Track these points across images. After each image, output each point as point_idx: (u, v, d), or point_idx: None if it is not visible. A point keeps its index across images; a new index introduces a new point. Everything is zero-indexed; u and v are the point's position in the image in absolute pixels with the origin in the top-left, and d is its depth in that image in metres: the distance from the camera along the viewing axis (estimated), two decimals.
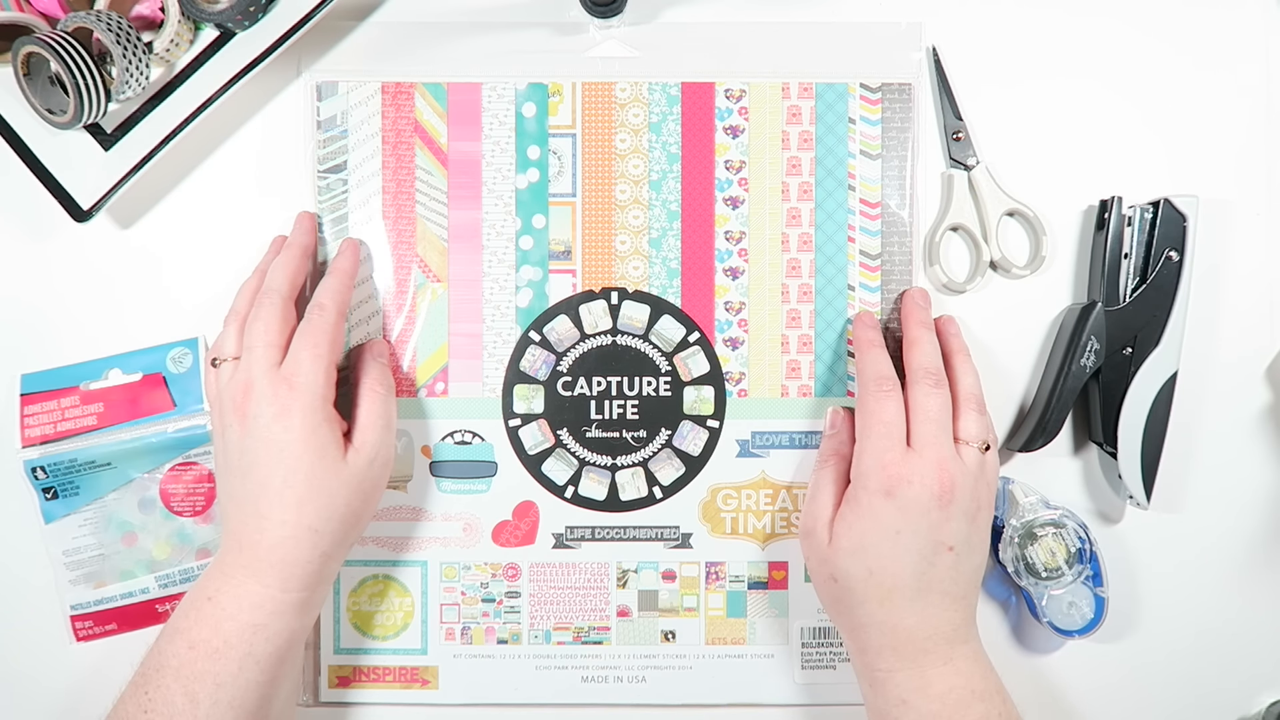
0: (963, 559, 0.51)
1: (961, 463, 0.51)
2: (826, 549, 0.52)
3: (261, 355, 0.52)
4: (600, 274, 0.58)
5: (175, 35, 0.55)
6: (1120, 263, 0.56)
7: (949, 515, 0.50)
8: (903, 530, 0.50)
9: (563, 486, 0.58)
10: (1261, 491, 0.58)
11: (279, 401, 0.51)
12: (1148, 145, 0.59)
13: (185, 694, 0.49)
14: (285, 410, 0.51)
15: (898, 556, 0.50)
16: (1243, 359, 0.58)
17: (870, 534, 0.50)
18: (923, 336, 0.54)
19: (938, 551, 0.50)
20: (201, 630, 0.50)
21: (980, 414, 0.53)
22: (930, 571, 0.50)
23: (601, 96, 0.58)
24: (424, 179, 0.58)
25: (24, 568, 0.58)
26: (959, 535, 0.51)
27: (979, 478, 0.52)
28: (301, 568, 0.51)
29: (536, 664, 0.58)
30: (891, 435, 0.51)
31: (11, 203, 0.58)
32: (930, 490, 0.50)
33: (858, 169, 0.58)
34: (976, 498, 0.51)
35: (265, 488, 0.51)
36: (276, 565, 0.50)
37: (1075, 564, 0.55)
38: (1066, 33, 0.59)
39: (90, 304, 0.58)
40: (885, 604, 0.50)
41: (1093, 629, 0.56)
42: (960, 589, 0.51)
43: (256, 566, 0.50)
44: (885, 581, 0.50)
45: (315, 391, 0.51)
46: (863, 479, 0.51)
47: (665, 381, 0.58)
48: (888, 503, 0.50)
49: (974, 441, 0.52)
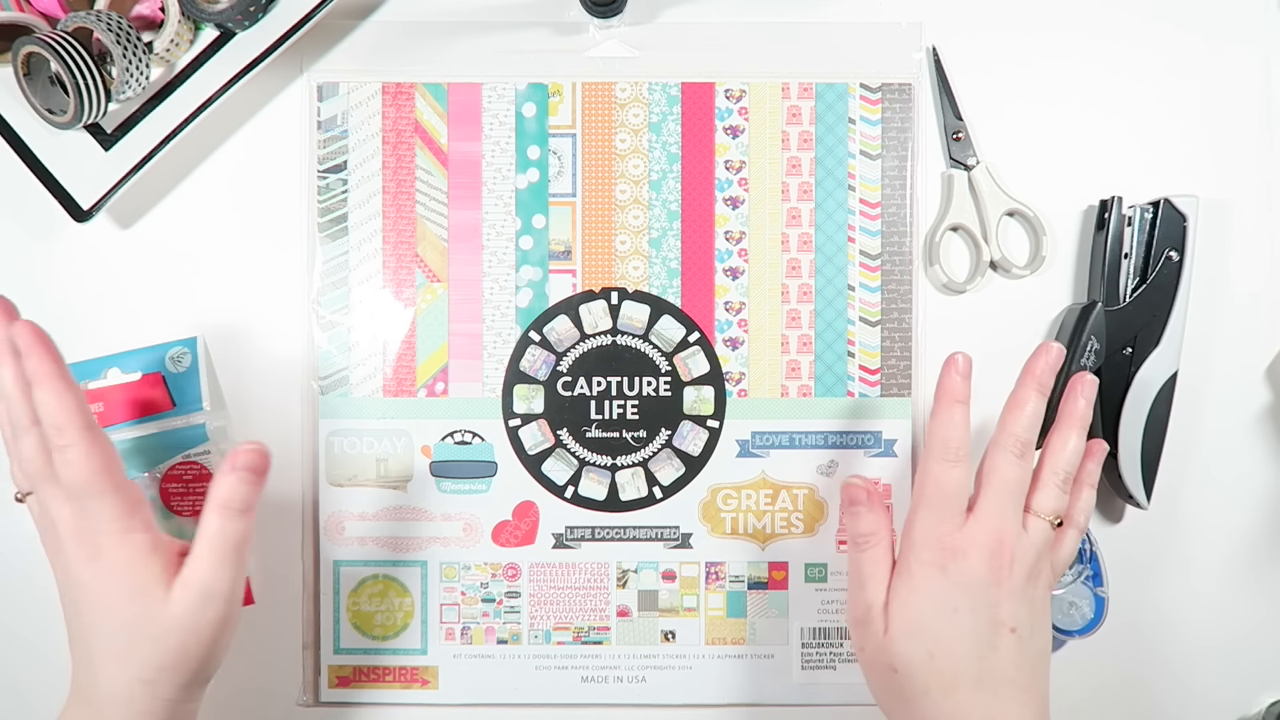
0: (1025, 642, 0.46)
1: (1025, 535, 0.47)
2: (883, 637, 0.47)
3: (49, 495, 0.46)
4: (600, 274, 0.58)
5: (175, 35, 0.55)
6: (1120, 263, 0.56)
7: (1008, 593, 0.46)
8: (960, 607, 0.46)
9: (563, 486, 0.58)
10: (1261, 491, 0.58)
11: (84, 544, 0.46)
12: (1148, 145, 0.59)
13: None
14: (93, 553, 0.46)
15: (958, 637, 0.46)
16: (1243, 359, 0.58)
17: (927, 611, 0.46)
18: (1029, 400, 0.48)
19: (998, 633, 0.46)
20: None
21: (1062, 490, 0.48)
22: (992, 656, 0.46)
23: (601, 96, 0.58)
24: (424, 179, 0.58)
25: (27, 568, 0.58)
26: (1020, 615, 0.46)
27: (1042, 555, 0.47)
28: (147, 719, 0.46)
29: (536, 664, 0.58)
30: (950, 506, 0.47)
31: (11, 203, 0.58)
32: (987, 565, 0.46)
33: (858, 169, 0.58)
34: (1035, 575, 0.47)
35: (80, 641, 0.47)
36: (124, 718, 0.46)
37: (1075, 564, 0.55)
38: (1066, 33, 0.59)
39: (90, 303, 0.58)
40: (950, 694, 0.46)
41: (1093, 629, 0.56)
42: (1027, 677, 0.46)
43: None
44: (946, 667, 0.46)
45: (122, 525, 0.46)
46: (914, 550, 0.47)
47: (665, 381, 0.58)
48: (941, 577, 0.46)
49: (1045, 515, 0.48)
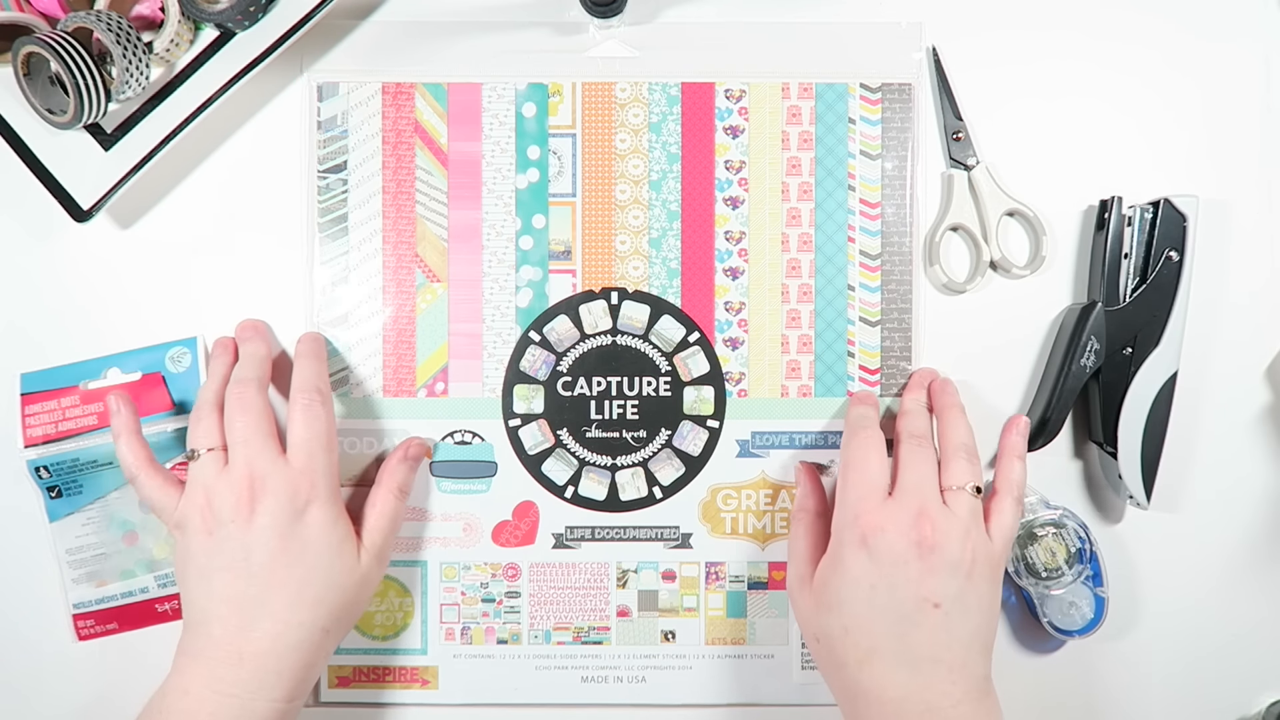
0: (955, 619, 0.46)
1: (948, 511, 0.48)
2: (807, 609, 0.50)
3: (262, 447, 0.49)
4: (600, 274, 0.58)
5: (175, 35, 0.55)
6: (1120, 263, 0.56)
7: (931, 567, 0.46)
8: (878, 585, 0.46)
9: (563, 486, 0.58)
10: (1261, 491, 0.58)
11: (299, 496, 0.49)
12: (1148, 145, 0.58)
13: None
14: (304, 506, 0.49)
15: (874, 613, 0.46)
16: (1243, 359, 0.58)
17: (844, 587, 0.47)
18: (914, 408, 0.53)
19: (921, 609, 0.46)
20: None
21: (969, 461, 0.50)
22: (914, 632, 0.46)
23: (601, 96, 0.58)
24: (424, 179, 0.58)
25: (27, 567, 0.58)
26: (947, 591, 0.46)
27: (970, 527, 0.48)
28: (309, 672, 0.49)
29: (536, 664, 0.58)
30: (871, 484, 0.49)
31: (11, 203, 0.58)
32: (907, 539, 0.46)
33: (858, 169, 0.58)
34: (970, 549, 0.47)
35: (277, 588, 0.48)
36: (286, 674, 0.48)
37: (1075, 564, 0.55)
38: (1067, 33, 0.59)
39: (90, 303, 0.58)
40: (865, 667, 0.46)
41: (1093, 629, 0.56)
42: (957, 655, 0.46)
43: (263, 678, 0.47)
44: (862, 641, 0.46)
45: (332, 486, 0.50)
46: (839, 531, 0.49)
47: (665, 381, 0.58)
48: (862, 554, 0.47)
49: (961, 485, 0.49)
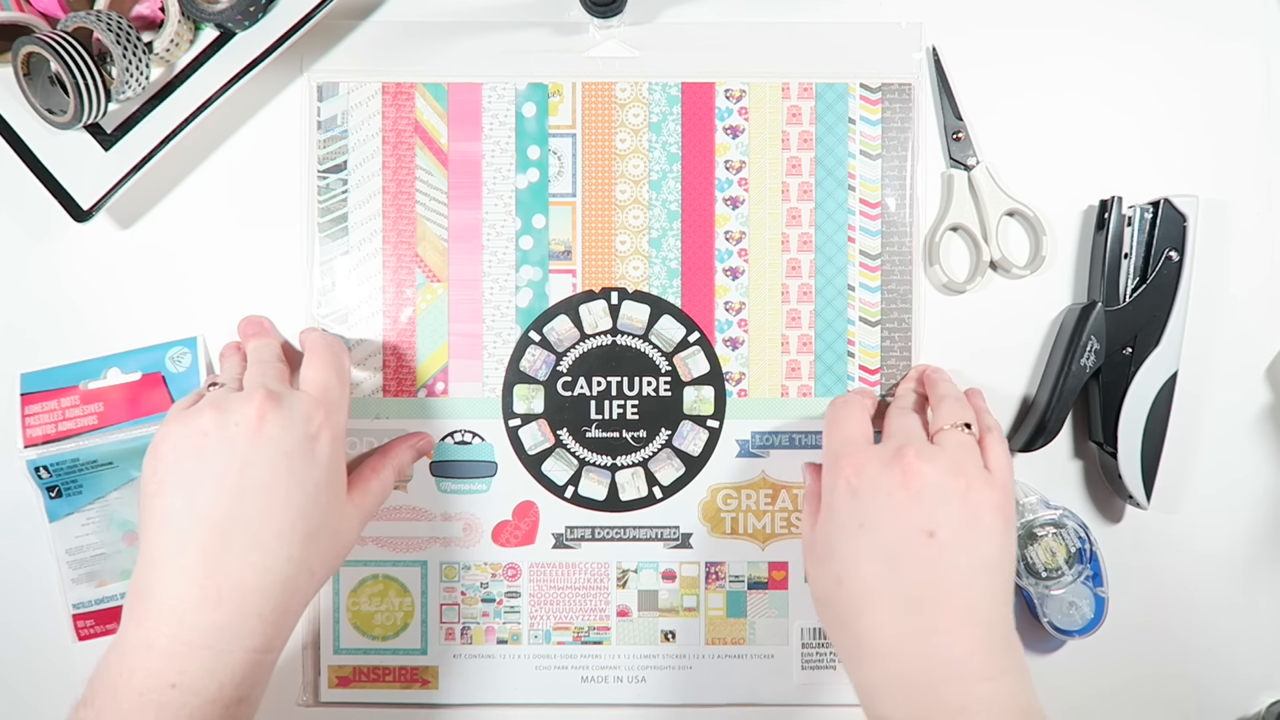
0: (952, 549, 0.41)
1: (934, 447, 0.45)
2: (810, 574, 0.48)
3: (279, 374, 0.47)
4: (600, 274, 0.58)
5: (175, 35, 0.55)
6: (1120, 263, 0.56)
7: (917, 493, 0.42)
8: (865, 522, 0.43)
9: (563, 486, 0.58)
10: (1261, 491, 0.58)
11: (312, 418, 0.45)
12: (1148, 145, 0.58)
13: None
14: (316, 432, 0.45)
15: (863, 553, 0.42)
16: (1243, 359, 0.58)
17: (834, 534, 0.45)
18: (905, 391, 0.54)
19: (912, 540, 0.41)
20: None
21: (958, 402, 0.48)
22: (907, 567, 0.41)
23: (601, 96, 0.58)
24: (424, 179, 0.58)
25: (27, 567, 0.58)
26: (940, 518, 0.42)
27: (963, 451, 0.44)
28: (289, 619, 0.43)
29: (536, 664, 0.58)
30: (853, 436, 0.47)
31: (11, 203, 0.58)
32: (890, 471, 0.43)
33: (858, 169, 0.58)
34: (963, 472, 0.43)
35: (270, 514, 0.42)
36: (268, 616, 0.42)
37: (1075, 564, 0.55)
38: (1066, 33, 0.59)
39: (90, 303, 0.58)
40: (864, 615, 0.42)
41: (1093, 629, 0.56)
42: (960, 596, 0.41)
43: (242, 622, 0.41)
44: (857, 589, 0.42)
45: (343, 425, 0.48)
46: (826, 485, 0.47)
47: (665, 381, 0.58)
48: (846, 494, 0.45)
49: (952, 423, 0.46)
